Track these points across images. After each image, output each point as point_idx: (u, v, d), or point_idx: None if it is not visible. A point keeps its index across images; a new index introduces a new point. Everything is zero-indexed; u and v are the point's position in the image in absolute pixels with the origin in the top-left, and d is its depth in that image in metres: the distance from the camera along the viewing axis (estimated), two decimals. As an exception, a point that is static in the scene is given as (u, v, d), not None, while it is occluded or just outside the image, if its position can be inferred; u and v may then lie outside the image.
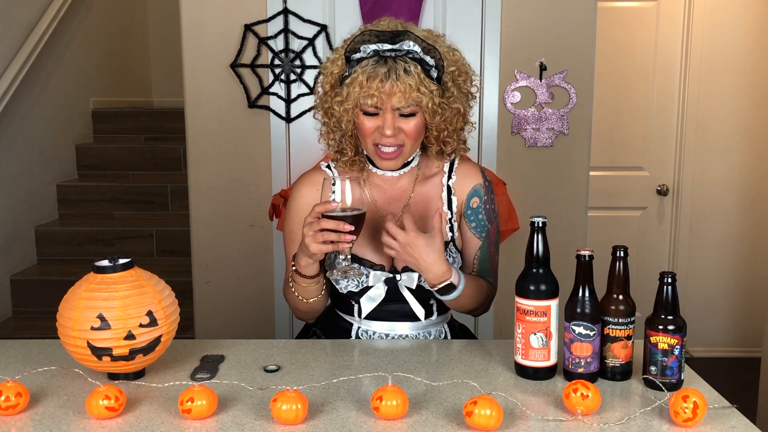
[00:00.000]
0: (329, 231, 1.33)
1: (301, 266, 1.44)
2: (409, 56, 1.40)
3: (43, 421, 1.14)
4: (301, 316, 1.61)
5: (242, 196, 2.85)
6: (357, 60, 1.42)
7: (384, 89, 1.38)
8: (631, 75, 3.76)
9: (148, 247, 3.77)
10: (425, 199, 1.56)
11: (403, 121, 1.43)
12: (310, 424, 1.12)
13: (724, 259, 3.92)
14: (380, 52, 1.40)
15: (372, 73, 1.38)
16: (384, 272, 1.51)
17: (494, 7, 2.73)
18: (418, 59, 1.41)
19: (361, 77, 1.39)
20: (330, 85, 1.48)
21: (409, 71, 1.38)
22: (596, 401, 1.14)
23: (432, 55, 1.42)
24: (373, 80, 1.38)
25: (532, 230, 1.29)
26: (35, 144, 3.76)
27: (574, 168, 2.84)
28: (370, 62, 1.40)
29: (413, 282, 1.51)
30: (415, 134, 1.45)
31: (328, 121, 1.51)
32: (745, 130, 3.80)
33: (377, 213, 1.54)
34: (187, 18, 2.75)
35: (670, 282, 1.23)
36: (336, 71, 1.47)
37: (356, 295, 1.53)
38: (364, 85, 1.39)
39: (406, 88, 1.38)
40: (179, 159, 4.14)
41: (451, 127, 1.49)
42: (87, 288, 1.24)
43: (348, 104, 1.42)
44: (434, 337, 1.58)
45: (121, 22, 4.83)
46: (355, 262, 1.49)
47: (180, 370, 1.34)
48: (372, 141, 1.45)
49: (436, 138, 1.51)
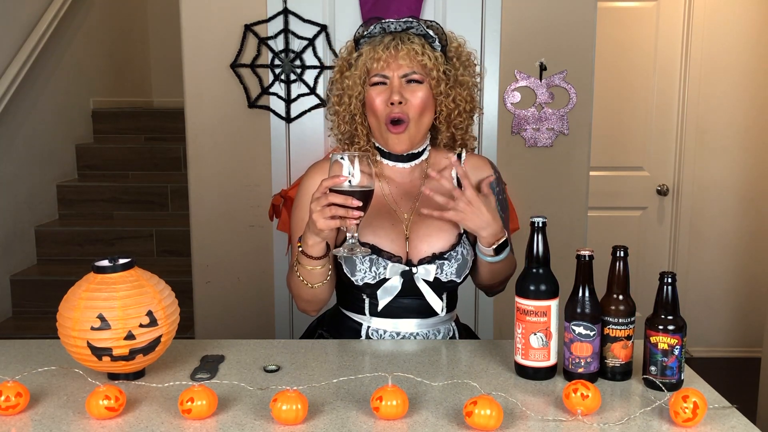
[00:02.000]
0: (337, 206, 1.30)
1: (308, 245, 1.40)
2: (412, 30, 1.50)
3: (43, 421, 1.14)
4: (304, 307, 1.57)
5: (242, 196, 2.85)
6: (365, 38, 1.52)
7: (390, 51, 1.46)
8: (631, 75, 3.76)
9: (148, 247, 3.77)
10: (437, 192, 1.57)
11: (410, 90, 1.48)
12: (310, 424, 1.12)
13: (724, 259, 3.92)
14: (385, 27, 1.50)
15: (378, 43, 1.48)
16: (401, 264, 1.51)
17: (494, 7, 2.73)
18: (422, 33, 1.50)
19: (367, 48, 1.49)
20: (340, 73, 1.55)
21: (413, 40, 1.48)
22: (596, 401, 1.14)
23: (435, 30, 1.51)
24: (377, 48, 1.47)
25: (532, 230, 1.29)
26: (35, 144, 3.76)
27: (574, 168, 2.84)
28: (377, 37, 1.51)
29: (430, 275, 1.50)
30: (420, 105, 1.49)
31: (339, 109, 1.55)
32: (745, 130, 3.80)
33: (391, 207, 1.55)
34: (187, 18, 2.75)
35: (670, 282, 1.23)
36: (345, 55, 1.56)
37: (372, 287, 1.52)
38: (371, 53, 1.47)
39: (410, 51, 1.46)
40: (179, 159, 4.14)
41: (461, 106, 1.53)
42: (87, 288, 1.24)
43: (357, 71, 1.49)
44: (443, 335, 1.58)
45: (121, 22, 4.84)
46: (373, 254, 1.49)
47: (180, 370, 1.34)
48: (382, 116, 1.49)
49: (446, 119, 1.54)
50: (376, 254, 1.50)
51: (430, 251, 1.51)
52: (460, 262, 1.51)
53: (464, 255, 1.52)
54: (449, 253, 1.51)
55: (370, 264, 1.49)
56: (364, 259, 1.49)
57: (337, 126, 1.59)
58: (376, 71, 1.48)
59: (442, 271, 1.50)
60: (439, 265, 1.50)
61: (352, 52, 1.54)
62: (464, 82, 1.53)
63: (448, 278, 1.51)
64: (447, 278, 1.51)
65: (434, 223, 1.53)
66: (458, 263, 1.51)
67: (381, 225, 1.52)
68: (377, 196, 1.56)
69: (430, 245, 1.51)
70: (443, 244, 1.52)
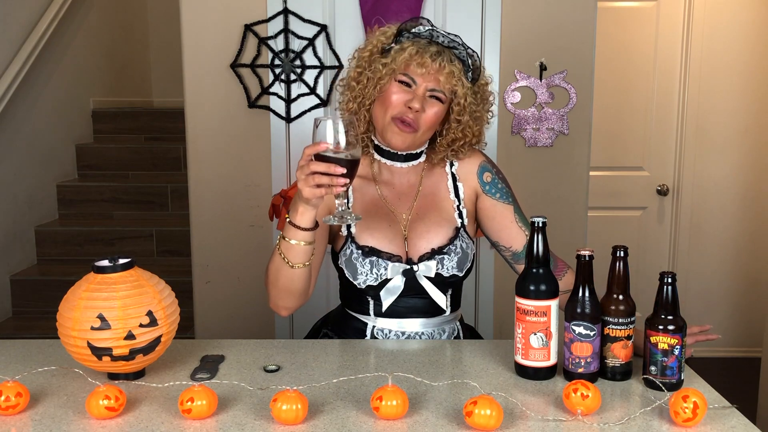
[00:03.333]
0: (321, 174, 1.26)
1: (297, 213, 1.35)
2: (456, 51, 1.49)
3: (43, 421, 1.14)
4: (276, 300, 1.49)
5: (242, 196, 2.85)
6: (411, 34, 1.49)
7: (435, 65, 1.45)
8: (631, 75, 3.76)
9: (148, 247, 3.77)
10: (433, 190, 1.58)
11: (429, 103, 1.48)
12: (310, 424, 1.12)
13: (724, 259, 3.92)
14: (434, 36, 1.48)
15: (423, 49, 1.46)
16: (401, 264, 1.51)
17: (494, 7, 2.73)
18: (463, 58, 1.50)
19: (411, 48, 1.46)
20: (370, 52, 1.53)
21: (453, 62, 1.48)
22: (596, 401, 1.14)
23: (473, 62, 1.51)
24: (423, 54, 1.46)
25: (532, 230, 1.29)
26: (35, 144, 3.76)
27: (574, 168, 2.84)
28: (423, 41, 1.48)
29: (431, 271, 1.51)
30: (431, 122, 1.49)
31: (355, 85, 1.54)
32: (745, 130, 3.80)
33: (389, 208, 1.55)
34: (187, 18, 2.75)
35: (670, 282, 1.23)
36: (383, 39, 1.53)
37: (375, 289, 1.52)
38: (414, 55, 1.46)
39: (453, 73, 1.46)
40: (179, 159, 4.14)
41: (467, 138, 1.55)
42: (87, 288, 1.24)
43: (394, 65, 1.47)
44: (448, 334, 1.58)
45: (121, 22, 4.83)
46: (372, 255, 1.49)
47: (180, 370, 1.34)
48: (393, 113, 1.48)
49: (448, 144, 1.55)
50: (376, 256, 1.50)
51: (429, 247, 1.52)
52: (460, 256, 1.52)
53: (464, 248, 1.53)
54: (448, 247, 1.51)
55: (370, 266, 1.49)
56: (364, 262, 1.49)
57: (346, 102, 1.57)
58: (412, 73, 1.47)
59: (443, 265, 1.51)
60: (439, 260, 1.51)
61: (391, 39, 1.51)
62: (479, 119, 1.55)
63: (449, 273, 1.52)
64: (449, 273, 1.52)
65: (432, 220, 1.54)
66: (458, 257, 1.52)
67: (379, 227, 1.52)
68: (374, 199, 1.56)
69: (428, 241, 1.52)
70: (441, 239, 1.52)
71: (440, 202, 1.57)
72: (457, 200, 1.58)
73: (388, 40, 1.51)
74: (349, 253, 1.51)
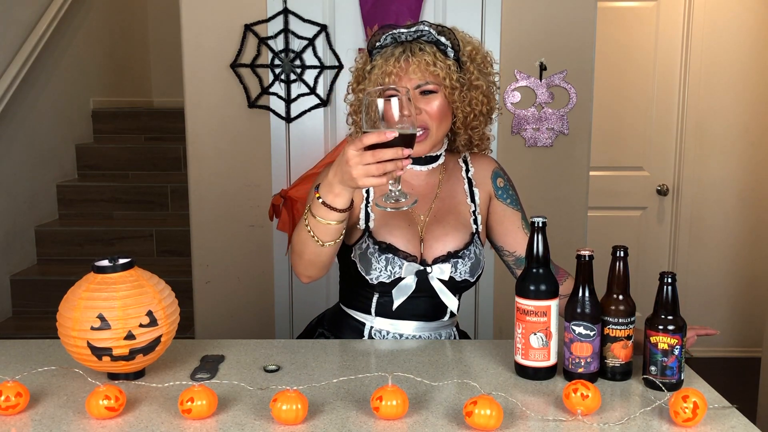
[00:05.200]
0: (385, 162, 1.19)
1: (334, 194, 1.28)
2: (423, 38, 1.47)
3: (43, 421, 1.14)
4: (302, 270, 1.45)
5: (242, 196, 2.85)
6: (378, 49, 1.49)
7: (400, 65, 1.44)
8: (631, 75, 3.76)
9: (148, 247, 3.77)
10: (451, 194, 1.59)
11: (425, 101, 1.47)
12: (310, 424, 1.12)
13: (724, 259, 3.92)
14: (396, 37, 1.47)
15: (389, 55, 1.46)
16: (416, 264, 1.51)
17: (494, 7, 2.73)
18: (433, 41, 1.47)
19: (379, 61, 1.47)
20: (357, 82, 1.55)
21: (423, 50, 1.45)
22: (596, 401, 1.14)
23: (447, 37, 1.48)
24: (389, 61, 1.45)
25: (532, 230, 1.29)
26: (35, 144, 3.76)
27: (574, 168, 2.84)
28: (388, 48, 1.48)
29: (445, 274, 1.51)
30: (438, 115, 1.48)
31: (356, 118, 1.57)
32: (745, 130, 3.80)
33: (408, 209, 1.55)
34: (187, 18, 2.75)
35: (670, 282, 1.23)
36: (360, 66, 1.55)
37: (385, 286, 1.51)
38: (383, 67, 1.46)
39: (422, 63, 1.44)
40: (179, 159, 4.14)
41: (477, 109, 1.52)
42: (87, 288, 1.24)
43: (371, 84, 1.47)
44: (444, 339, 1.58)
45: (121, 22, 4.83)
46: (389, 252, 1.49)
47: (180, 370, 1.34)
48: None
49: (463, 123, 1.54)
50: (393, 253, 1.50)
51: (445, 250, 1.52)
52: (473, 261, 1.52)
53: (477, 254, 1.53)
54: (463, 252, 1.52)
55: (386, 263, 1.49)
56: (380, 258, 1.49)
57: (355, 134, 1.60)
58: (391, 83, 1.46)
59: (456, 269, 1.51)
60: (453, 263, 1.51)
61: (367, 63, 1.52)
62: (479, 86, 1.52)
63: (462, 277, 1.52)
64: (461, 277, 1.52)
65: (449, 224, 1.54)
66: (471, 262, 1.52)
67: (398, 225, 1.52)
68: None
69: (444, 244, 1.52)
70: (457, 243, 1.53)
71: (457, 206, 1.58)
72: (473, 205, 1.59)
73: (366, 65, 1.53)
74: (365, 248, 1.50)
